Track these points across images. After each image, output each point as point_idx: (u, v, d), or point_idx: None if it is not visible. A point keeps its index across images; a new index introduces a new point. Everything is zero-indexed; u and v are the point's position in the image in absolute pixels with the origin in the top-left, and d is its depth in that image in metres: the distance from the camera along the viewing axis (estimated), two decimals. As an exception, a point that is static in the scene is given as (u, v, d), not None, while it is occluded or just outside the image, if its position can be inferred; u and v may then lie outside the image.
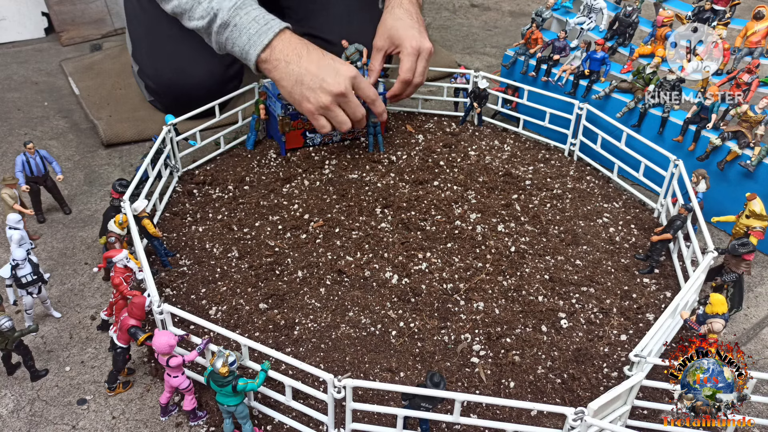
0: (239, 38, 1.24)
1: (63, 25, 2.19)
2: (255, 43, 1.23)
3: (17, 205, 1.20)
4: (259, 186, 1.39)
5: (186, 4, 1.28)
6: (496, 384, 0.96)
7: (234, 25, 1.24)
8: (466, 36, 2.31)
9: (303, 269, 1.16)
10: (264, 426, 0.92)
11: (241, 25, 1.23)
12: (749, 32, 1.35)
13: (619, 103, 1.47)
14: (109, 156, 1.57)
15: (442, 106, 1.74)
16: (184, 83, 1.54)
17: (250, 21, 1.23)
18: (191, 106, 1.44)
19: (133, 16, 1.65)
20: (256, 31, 1.22)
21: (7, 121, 1.71)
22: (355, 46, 1.61)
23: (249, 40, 1.23)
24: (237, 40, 1.25)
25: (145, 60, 1.60)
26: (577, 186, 1.41)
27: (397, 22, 1.38)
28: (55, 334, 1.08)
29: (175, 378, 0.89)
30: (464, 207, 1.31)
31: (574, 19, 1.66)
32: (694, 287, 1.00)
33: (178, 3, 1.29)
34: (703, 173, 1.20)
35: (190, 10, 1.28)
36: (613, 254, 1.21)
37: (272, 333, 1.04)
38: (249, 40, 1.23)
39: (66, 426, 0.92)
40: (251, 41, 1.23)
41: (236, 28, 1.24)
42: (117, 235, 1.08)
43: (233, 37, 1.25)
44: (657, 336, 0.90)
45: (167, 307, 0.90)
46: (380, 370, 0.98)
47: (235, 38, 1.25)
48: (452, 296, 1.10)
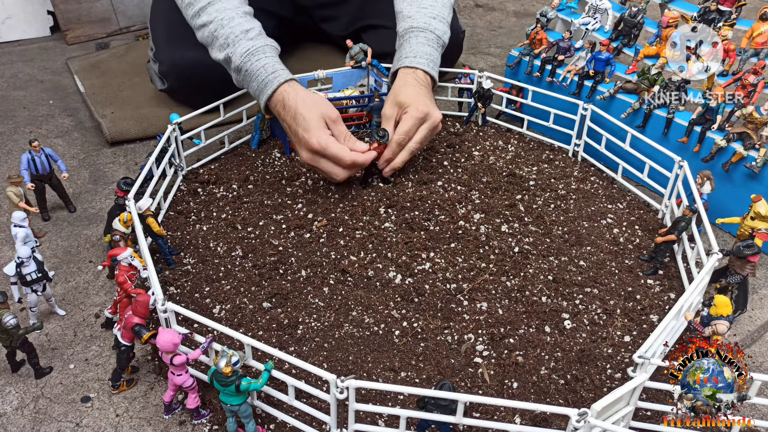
0: (251, 83, 1.32)
1: (68, 23, 2.20)
2: (263, 91, 1.30)
3: (22, 202, 1.20)
4: (263, 185, 1.39)
5: (208, 38, 1.35)
6: (499, 384, 0.96)
7: (246, 71, 1.30)
8: (471, 36, 2.31)
9: (307, 268, 1.16)
10: (267, 425, 0.92)
11: (251, 72, 1.30)
12: (755, 33, 1.34)
13: (623, 103, 1.47)
14: (114, 154, 1.58)
15: (446, 106, 1.74)
16: (198, 69, 1.57)
17: (258, 68, 1.29)
18: (203, 93, 1.50)
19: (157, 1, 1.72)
20: (263, 80, 1.29)
21: (13, 120, 1.72)
22: (360, 45, 1.61)
23: (258, 87, 1.30)
24: (249, 84, 1.32)
25: (163, 44, 1.63)
26: (581, 187, 1.40)
27: (408, 87, 1.35)
28: (60, 332, 1.08)
29: (179, 376, 0.90)
30: (468, 207, 1.31)
31: (579, 20, 1.66)
32: (698, 289, 0.99)
33: (201, 35, 1.36)
34: (708, 174, 1.20)
35: (210, 44, 1.35)
36: (617, 255, 1.21)
37: (276, 332, 1.04)
38: (258, 87, 1.30)
39: (70, 423, 0.93)
40: (259, 88, 1.30)
41: (247, 74, 1.30)
42: (121, 234, 1.09)
43: (246, 80, 1.32)
44: (661, 338, 0.90)
45: (171, 305, 0.91)
46: (383, 370, 0.98)
47: (248, 82, 1.32)
48: (455, 296, 1.10)
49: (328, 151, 1.22)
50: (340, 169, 1.26)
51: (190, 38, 1.59)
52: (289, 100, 1.27)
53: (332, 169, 1.26)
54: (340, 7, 1.91)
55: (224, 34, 1.31)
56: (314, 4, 1.91)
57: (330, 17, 1.93)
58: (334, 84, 1.61)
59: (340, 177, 1.27)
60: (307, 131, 1.23)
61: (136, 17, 2.30)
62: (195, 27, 1.37)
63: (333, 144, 1.23)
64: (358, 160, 1.24)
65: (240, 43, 1.30)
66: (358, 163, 1.25)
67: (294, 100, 1.27)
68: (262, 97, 1.30)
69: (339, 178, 1.28)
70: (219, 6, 1.33)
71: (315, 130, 1.23)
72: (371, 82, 1.62)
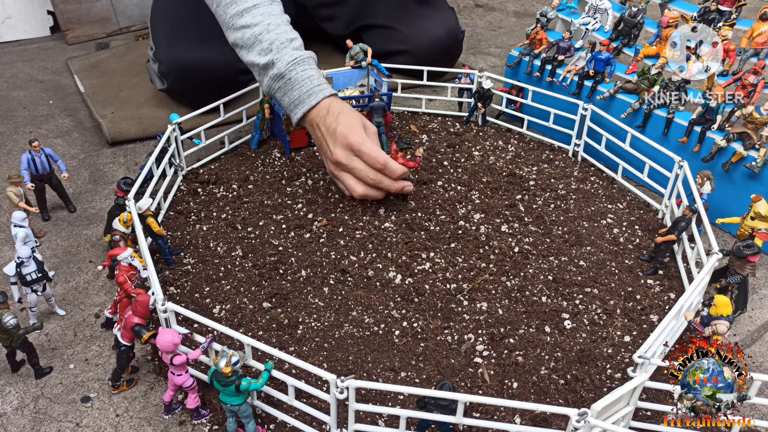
0: (290, 92, 1.28)
1: (68, 23, 2.20)
2: (305, 101, 1.27)
3: (22, 202, 1.20)
4: (263, 185, 1.39)
5: (249, 40, 1.30)
6: (499, 384, 0.96)
7: (288, 79, 1.27)
8: (471, 36, 2.31)
9: (307, 268, 1.16)
10: (267, 425, 0.92)
11: (295, 81, 1.26)
12: (755, 33, 1.34)
13: (623, 103, 1.47)
14: (114, 154, 1.58)
15: (446, 106, 1.74)
16: (198, 70, 1.57)
17: (304, 78, 1.26)
18: (203, 93, 1.49)
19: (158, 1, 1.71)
20: (308, 90, 1.26)
21: (13, 119, 1.72)
22: (360, 45, 1.61)
23: (299, 96, 1.27)
24: (289, 92, 1.28)
25: (164, 43, 1.63)
26: (581, 187, 1.40)
27: None
28: (60, 332, 1.08)
29: (179, 376, 0.90)
30: (468, 207, 1.31)
31: (579, 20, 1.66)
32: (698, 289, 0.99)
33: (240, 36, 1.30)
34: (708, 174, 1.20)
35: (250, 46, 1.30)
36: (617, 255, 1.21)
37: (276, 332, 1.04)
38: (299, 96, 1.27)
39: (70, 423, 0.93)
40: (301, 98, 1.27)
41: (290, 82, 1.27)
42: (121, 234, 1.09)
43: (285, 88, 1.28)
44: (661, 338, 0.90)
45: (171, 305, 0.91)
46: (383, 370, 0.98)
47: (286, 90, 1.28)
48: (455, 296, 1.10)
49: (365, 148, 1.21)
50: (371, 171, 1.22)
51: (191, 38, 1.60)
52: (334, 108, 1.25)
53: (362, 172, 1.23)
54: (339, 6, 1.91)
55: (269, 39, 1.27)
56: (314, 4, 1.91)
57: (330, 17, 1.93)
58: (334, 84, 1.61)
59: (359, 190, 1.24)
60: (350, 130, 1.21)
61: (136, 17, 2.30)
62: (233, 26, 1.32)
63: (370, 143, 1.22)
64: (389, 163, 1.22)
65: (286, 51, 1.27)
66: (389, 167, 1.22)
67: (339, 107, 1.25)
68: (302, 107, 1.27)
69: (359, 190, 1.24)
70: (265, 10, 1.30)
71: (358, 129, 1.22)
72: (371, 82, 1.62)
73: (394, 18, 1.86)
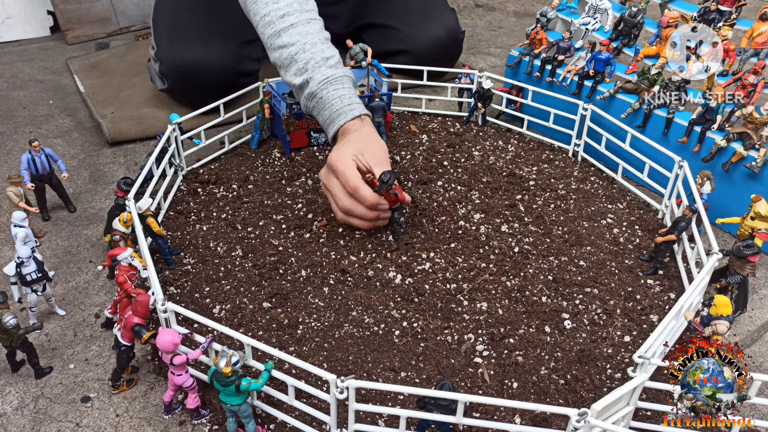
0: (323, 111, 1.27)
1: (68, 23, 2.20)
2: (335, 121, 1.25)
3: (22, 202, 1.20)
4: (263, 185, 1.39)
5: (285, 60, 1.29)
6: (499, 384, 0.96)
7: (320, 98, 1.26)
8: (471, 36, 2.31)
9: (306, 268, 1.16)
10: (267, 425, 0.92)
11: (326, 100, 1.25)
12: (755, 33, 1.34)
13: (623, 103, 1.47)
14: (114, 154, 1.58)
15: (446, 106, 1.74)
16: (199, 70, 1.58)
17: (335, 98, 1.25)
18: (203, 93, 1.51)
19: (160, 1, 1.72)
20: (338, 109, 1.25)
21: (13, 119, 1.72)
22: (360, 45, 1.61)
23: (329, 116, 1.26)
24: (321, 112, 1.28)
25: (165, 43, 1.63)
26: (581, 187, 1.40)
27: None
28: (60, 332, 1.08)
29: (179, 376, 0.90)
30: (468, 207, 1.31)
31: (579, 20, 1.66)
32: (698, 289, 0.99)
33: (278, 56, 1.30)
34: (708, 174, 1.20)
35: (287, 66, 1.30)
36: (617, 255, 1.21)
37: (276, 332, 1.04)
38: (329, 116, 1.26)
39: (70, 423, 0.93)
40: (332, 118, 1.26)
41: (321, 101, 1.26)
42: (121, 234, 1.09)
43: (318, 108, 1.28)
44: (661, 338, 0.90)
45: (171, 305, 0.91)
46: (383, 370, 0.98)
47: (319, 109, 1.28)
48: (455, 296, 1.10)
49: (340, 166, 1.16)
50: (345, 196, 1.17)
51: (192, 38, 1.60)
52: (351, 129, 1.23)
53: (336, 195, 1.18)
54: (339, 5, 1.91)
55: (305, 59, 1.26)
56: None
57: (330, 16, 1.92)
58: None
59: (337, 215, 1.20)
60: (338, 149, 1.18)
61: (136, 17, 2.30)
62: (271, 46, 1.31)
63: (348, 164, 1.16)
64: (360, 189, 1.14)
65: (320, 70, 1.25)
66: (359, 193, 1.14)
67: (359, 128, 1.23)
68: (333, 126, 1.25)
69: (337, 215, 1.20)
70: (302, 29, 1.28)
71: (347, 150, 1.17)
72: (371, 82, 1.62)
73: (394, 18, 1.86)
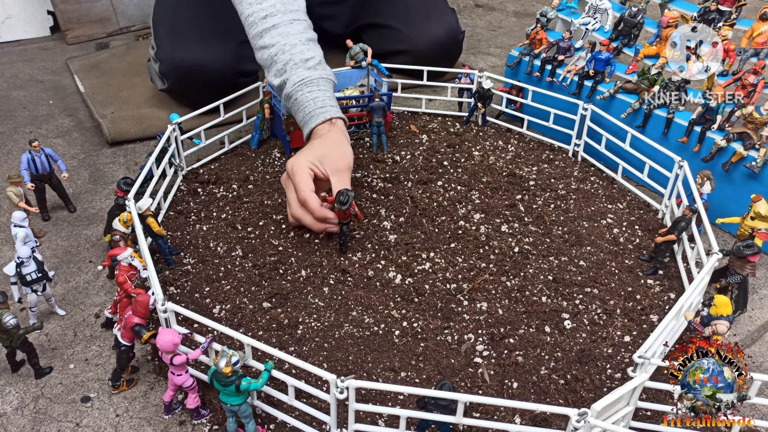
0: (298, 113, 1.30)
1: (68, 23, 2.20)
2: (307, 123, 1.28)
3: (22, 202, 1.20)
4: (263, 185, 1.39)
5: (266, 61, 1.32)
6: (499, 384, 0.96)
7: (295, 99, 1.28)
8: (471, 36, 2.31)
9: (306, 268, 1.16)
10: (267, 425, 0.92)
11: (300, 102, 1.28)
12: (755, 33, 1.34)
13: (623, 103, 1.47)
14: (114, 154, 1.58)
15: (446, 106, 1.74)
16: (199, 70, 1.58)
17: (308, 100, 1.27)
18: (203, 93, 1.51)
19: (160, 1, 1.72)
20: (310, 112, 1.27)
21: (13, 120, 1.72)
22: (360, 45, 1.61)
23: (303, 117, 1.28)
24: (297, 113, 1.30)
25: (165, 43, 1.63)
26: (581, 187, 1.40)
27: None
28: (60, 332, 1.08)
29: (179, 376, 0.90)
30: (468, 207, 1.31)
31: (579, 20, 1.66)
32: (698, 289, 0.99)
33: (260, 56, 1.33)
34: (708, 174, 1.20)
35: (269, 67, 1.32)
36: (617, 255, 1.21)
37: (276, 332, 1.04)
38: (303, 117, 1.28)
39: (70, 423, 0.93)
40: (305, 120, 1.28)
41: (296, 103, 1.28)
42: (121, 234, 1.09)
43: (294, 109, 1.30)
44: (661, 338, 0.90)
45: (171, 305, 0.91)
46: (383, 370, 0.98)
47: (295, 111, 1.30)
48: (455, 296, 1.10)
49: (297, 174, 1.17)
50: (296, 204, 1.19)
51: (192, 39, 1.60)
52: (321, 133, 1.24)
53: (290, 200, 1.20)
54: (339, 5, 1.91)
55: (284, 60, 1.28)
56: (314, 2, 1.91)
57: (330, 15, 1.93)
58: (334, 84, 1.61)
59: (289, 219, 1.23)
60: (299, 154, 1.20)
61: (136, 17, 2.30)
62: (255, 47, 1.34)
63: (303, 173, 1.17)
64: (309, 202, 1.15)
65: (296, 72, 1.27)
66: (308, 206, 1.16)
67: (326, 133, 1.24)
68: (306, 128, 1.28)
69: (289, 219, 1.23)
70: (283, 30, 1.29)
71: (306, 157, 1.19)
72: (371, 82, 1.62)
73: (394, 18, 1.86)
